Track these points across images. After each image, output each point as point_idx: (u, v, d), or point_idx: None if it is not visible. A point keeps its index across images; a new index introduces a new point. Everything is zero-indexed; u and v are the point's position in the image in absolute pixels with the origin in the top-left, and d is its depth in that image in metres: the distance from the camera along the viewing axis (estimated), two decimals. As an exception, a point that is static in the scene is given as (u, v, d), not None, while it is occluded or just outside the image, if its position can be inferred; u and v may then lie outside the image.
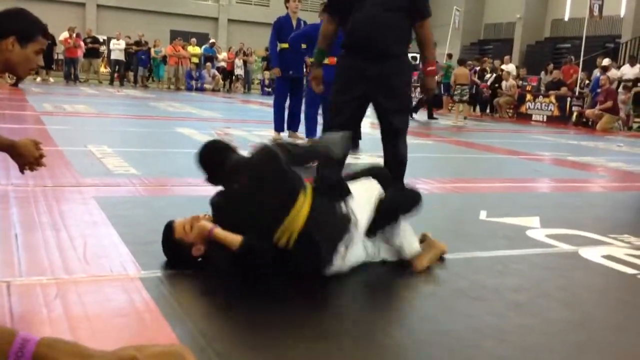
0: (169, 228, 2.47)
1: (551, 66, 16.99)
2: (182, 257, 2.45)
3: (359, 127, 3.69)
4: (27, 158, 2.50)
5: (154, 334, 1.87)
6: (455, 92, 13.57)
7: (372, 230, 2.57)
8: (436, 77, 4.21)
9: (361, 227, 2.49)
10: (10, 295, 2.06)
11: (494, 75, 17.07)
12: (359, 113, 3.58)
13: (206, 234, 2.33)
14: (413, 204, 2.68)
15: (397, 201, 2.66)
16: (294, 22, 7.35)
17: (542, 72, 17.71)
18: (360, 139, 6.51)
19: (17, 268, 2.33)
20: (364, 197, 2.57)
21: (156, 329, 1.90)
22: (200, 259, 2.44)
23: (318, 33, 3.76)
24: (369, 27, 3.36)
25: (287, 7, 7.44)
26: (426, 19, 3.50)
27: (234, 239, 2.29)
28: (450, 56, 19.03)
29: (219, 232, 2.32)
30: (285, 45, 7.18)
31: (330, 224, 2.39)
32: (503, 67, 17.74)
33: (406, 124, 3.60)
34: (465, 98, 13.48)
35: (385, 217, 2.58)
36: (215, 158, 2.52)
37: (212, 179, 2.56)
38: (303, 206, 2.36)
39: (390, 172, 3.21)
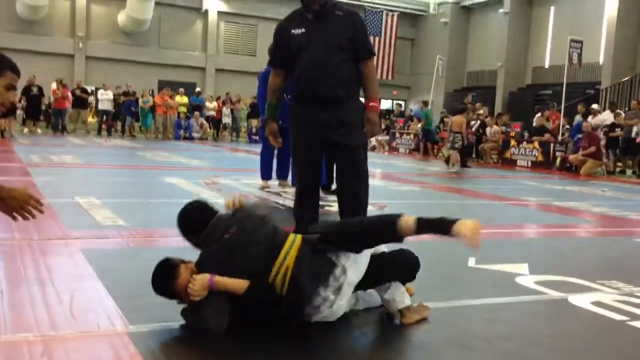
0: (172, 269, 2.40)
1: (547, 112, 17.17)
2: (171, 297, 2.44)
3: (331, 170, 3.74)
4: (17, 200, 2.25)
5: (142, 391, 1.84)
6: (449, 139, 13.77)
7: (364, 287, 2.58)
8: (419, 124, 4.22)
9: (350, 279, 2.48)
10: (-5, 354, 2.03)
11: (479, 121, 17.35)
12: (320, 155, 3.62)
13: (207, 283, 2.32)
14: (410, 274, 2.70)
15: (395, 269, 2.66)
16: None
17: (539, 115, 17.86)
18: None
19: (3, 325, 2.30)
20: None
21: (144, 386, 1.87)
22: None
23: None
24: (313, 72, 3.41)
25: None
26: (369, 59, 3.56)
27: (239, 283, 2.34)
28: (425, 103, 19.45)
29: (219, 279, 2.34)
30: None
31: (316, 266, 2.43)
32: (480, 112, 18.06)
33: (366, 161, 3.57)
34: (457, 145, 13.66)
35: (380, 281, 2.61)
36: (197, 218, 2.57)
37: (194, 239, 2.59)
38: (293, 245, 2.46)
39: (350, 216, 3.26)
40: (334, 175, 3.81)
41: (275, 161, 7.72)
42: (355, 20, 3.55)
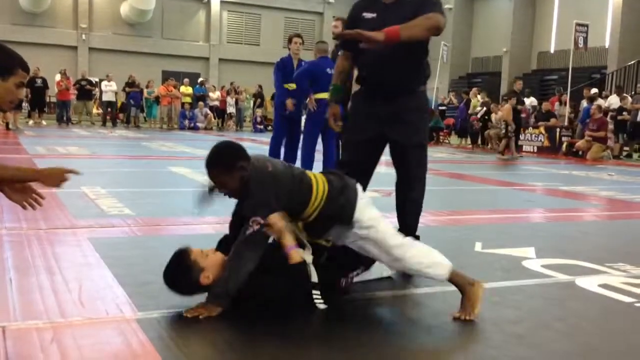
0: (183, 253, 2.47)
1: (565, 96, 17.02)
2: (186, 284, 2.45)
3: (374, 166, 3.57)
4: (54, 179, 2.42)
5: (151, 376, 1.85)
6: (503, 127, 13.76)
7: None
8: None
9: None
10: (5, 340, 2.04)
11: (485, 108, 17.27)
12: (374, 153, 3.43)
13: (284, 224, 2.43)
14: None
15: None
16: (296, 63, 7.56)
17: (557, 103, 17.77)
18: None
19: (12, 313, 2.31)
20: None
21: (154, 371, 1.88)
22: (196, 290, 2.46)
23: (318, 69, 3.67)
24: (377, 63, 3.24)
25: (289, 49, 7.67)
26: (430, 12, 3.21)
27: (291, 239, 2.46)
28: None
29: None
30: (290, 86, 7.33)
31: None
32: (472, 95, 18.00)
33: (425, 163, 3.40)
34: (502, 134, 13.66)
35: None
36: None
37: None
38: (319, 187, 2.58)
39: (402, 218, 3.29)
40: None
41: (282, 150, 7.71)
42: (423, 3, 3.25)
